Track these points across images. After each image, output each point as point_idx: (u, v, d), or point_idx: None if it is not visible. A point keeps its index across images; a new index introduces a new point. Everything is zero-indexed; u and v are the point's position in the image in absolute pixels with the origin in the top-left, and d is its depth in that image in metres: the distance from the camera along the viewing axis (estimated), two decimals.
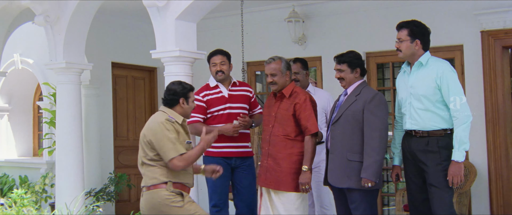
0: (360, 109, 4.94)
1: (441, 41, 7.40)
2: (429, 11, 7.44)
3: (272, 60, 5.37)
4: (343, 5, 8.23)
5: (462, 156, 4.54)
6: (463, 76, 7.30)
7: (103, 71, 9.40)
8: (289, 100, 5.30)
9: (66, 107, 7.02)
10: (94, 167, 9.20)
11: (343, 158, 4.96)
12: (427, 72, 4.72)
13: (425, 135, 4.72)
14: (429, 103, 4.69)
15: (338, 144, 5.01)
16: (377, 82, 8.12)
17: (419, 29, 4.80)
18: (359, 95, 5.03)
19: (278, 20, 8.69)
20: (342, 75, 5.14)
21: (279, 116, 5.32)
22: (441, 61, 4.77)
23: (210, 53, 5.93)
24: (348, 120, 4.98)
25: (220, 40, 9.21)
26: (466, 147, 4.54)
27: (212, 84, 5.90)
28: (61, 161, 6.98)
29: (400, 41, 4.83)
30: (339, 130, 5.02)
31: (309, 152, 5.19)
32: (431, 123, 4.69)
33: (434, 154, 4.67)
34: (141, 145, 4.76)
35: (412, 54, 4.80)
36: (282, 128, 5.29)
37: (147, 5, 5.91)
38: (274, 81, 5.33)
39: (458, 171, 4.55)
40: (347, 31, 8.24)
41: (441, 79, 4.62)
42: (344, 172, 4.95)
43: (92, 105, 9.24)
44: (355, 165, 4.90)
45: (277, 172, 5.27)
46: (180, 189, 4.71)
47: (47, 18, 6.79)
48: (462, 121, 4.54)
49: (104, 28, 9.33)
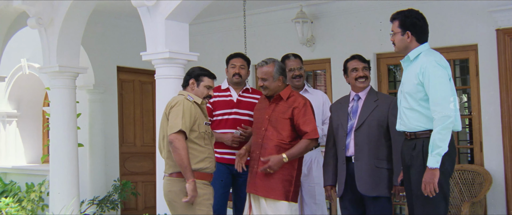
0: (385, 115, 4.90)
1: (454, 41, 7.07)
2: (441, 9, 7.09)
3: (264, 63, 5.12)
4: (353, 4, 7.89)
5: (436, 162, 4.04)
6: (477, 78, 6.91)
7: (108, 75, 9.19)
8: (287, 103, 5.03)
9: (60, 113, 6.79)
10: (98, 174, 8.99)
11: (371, 165, 4.86)
12: (414, 67, 4.31)
13: (413, 137, 4.32)
14: (413, 101, 4.26)
15: (363, 151, 4.90)
16: (388, 84, 7.74)
17: (410, 19, 4.33)
18: (378, 101, 4.98)
19: (285, 21, 8.40)
20: (367, 74, 5.10)
21: (273, 119, 5.03)
22: (429, 54, 4.26)
23: (231, 54, 5.81)
24: (372, 126, 4.91)
25: (227, 42, 8.97)
26: (440, 151, 4.03)
27: (224, 86, 5.77)
28: (55, 168, 6.74)
29: (394, 34, 4.43)
30: (364, 137, 4.91)
31: (298, 149, 4.96)
32: (416, 123, 4.25)
33: (418, 158, 4.25)
34: (162, 127, 4.80)
35: (405, 47, 4.36)
36: (276, 132, 5.00)
37: (136, 5, 5.64)
38: (265, 85, 5.07)
39: (431, 178, 4.05)
40: (358, 31, 7.90)
41: (423, 75, 4.16)
42: (373, 180, 4.85)
43: (97, 111, 9.04)
44: (384, 172, 4.85)
45: (268, 179, 4.96)
46: (199, 178, 4.66)
47: (40, 20, 6.58)
48: (439, 122, 4.04)
49: (108, 31, 9.11)
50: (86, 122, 9.02)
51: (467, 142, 7.65)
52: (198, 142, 4.71)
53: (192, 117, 4.66)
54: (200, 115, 4.76)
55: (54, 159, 6.75)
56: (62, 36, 6.66)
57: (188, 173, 4.58)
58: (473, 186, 6.81)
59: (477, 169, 6.84)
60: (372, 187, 4.82)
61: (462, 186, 6.89)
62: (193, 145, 4.69)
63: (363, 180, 4.83)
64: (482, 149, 6.93)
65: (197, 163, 4.68)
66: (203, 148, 4.74)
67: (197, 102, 4.80)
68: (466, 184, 6.89)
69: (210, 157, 4.81)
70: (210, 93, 4.91)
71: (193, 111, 4.68)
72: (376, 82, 7.73)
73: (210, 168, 4.79)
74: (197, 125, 4.70)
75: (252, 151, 5.15)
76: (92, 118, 9.04)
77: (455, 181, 6.92)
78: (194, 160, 4.66)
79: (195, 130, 4.69)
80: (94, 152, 9.01)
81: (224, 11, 8.85)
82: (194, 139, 4.69)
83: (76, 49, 6.84)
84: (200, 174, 4.69)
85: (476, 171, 6.84)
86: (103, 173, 9.00)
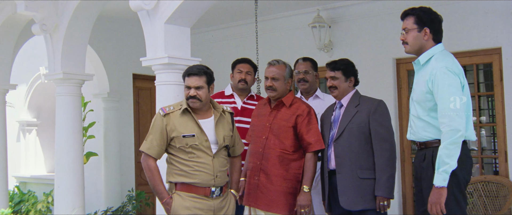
0: (365, 121, 4.48)
1: (476, 45, 6.70)
2: (462, 11, 6.74)
3: (276, 62, 4.80)
4: (371, 8, 7.58)
5: (443, 180, 3.66)
6: (501, 83, 6.53)
7: (123, 83, 9.04)
8: (290, 110, 4.72)
9: (65, 121, 6.62)
10: (113, 185, 8.84)
11: (353, 177, 4.46)
12: (424, 72, 3.93)
13: (423, 147, 3.96)
14: (422, 111, 3.90)
15: (345, 162, 4.50)
16: (408, 90, 7.36)
17: (428, 15, 3.95)
18: (359, 106, 4.57)
19: (301, 26, 8.12)
20: (336, 84, 4.65)
21: (275, 127, 4.71)
22: (441, 59, 3.86)
23: (238, 59, 5.56)
24: (353, 134, 4.49)
25: (242, 48, 8.70)
26: (447, 169, 3.64)
27: (227, 92, 5.52)
28: (59, 179, 6.55)
29: (406, 31, 4.01)
30: (344, 147, 4.51)
31: (310, 170, 4.62)
32: (424, 133, 3.91)
33: (428, 171, 3.87)
34: None
35: (420, 46, 3.95)
36: (278, 141, 4.68)
37: (134, 9, 5.41)
38: (274, 86, 4.73)
39: (437, 198, 3.68)
40: (376, 36, 7.58)
41: (432, 82, 3.79)
42: (357, 193, 4.43)
43: (112, 119, 8.90)
44: (368, 183, 4.42)
45: (270, 191, 4.65)
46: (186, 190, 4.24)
47: (44, 26, 6.42)
48: (447, 136, 3.66)
49: (123, 38, 8.96)
50: (101, 130, 8.88)
51: (491, 151, 7.20)
52: (179, 155, 4.29)
53: (163, 135, 4.28)
54: (180, 127, 4.28)
55: (59, 168, 6.57)
56: (67, 42, 6.48)
57: (158, 194, 4.27)
58: (497, 199, 6.39)
59: (502, 180, 6.41)
60: (356, 201, 4.42)
61: (485, 199, 6.47)
62: (174, 157, 4.31)
63: (346, 194, 4.45)
64: (507, 159, 6.50)
65: (181, 176, 4.26)
66: (187, 161, 4.26)
67: (176, 109, 4.36)
68: (489, 196, 6.47)
69: (200, 171, 4.26)
70: (190, 93, 4.32)
71: (163, 127, 4.28)
72: (396, 88, 7.39)
73: (200, 183, 4.25)
74: (174, 140, 4.27)
75: (250, 161, 4.83)
76: (107, 127, 8.89)
77: (478, 193, 6.51)
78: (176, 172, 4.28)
79: (172, 145, 4.30)
80: (109, 161, 8.85)
81: (240, 17, 8.65)
82: (175, 153, 4.31)
83: (81, 55, 6.65)
84: (188, 187, 4.26)
85: (500, 182, 6.42)
86: (118, 183, 8.83)
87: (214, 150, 4.34)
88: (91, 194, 8.93)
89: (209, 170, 4.28)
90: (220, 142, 4.37)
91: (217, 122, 4.42)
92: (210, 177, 4.28)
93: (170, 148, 4.34)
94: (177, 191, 4.28)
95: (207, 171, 4.27)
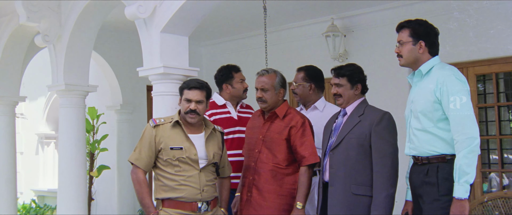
0: (366, 133, 4.09)
1: (496, 52, 6.33)
2: (481, 16, 6.44)
3: (265, 72, 4.54)
4: (386, 16, 7.30)
5: (465, 192, 3.45)
6: None
7: (137, 94, 8.92)
8: (283, 122, 4.45)
9: (68, 133, 6.45)
10: (126, 198, 8.70)
11: (346, 192, 4.07)
12: (426, 82, 3.73)
13: (425, 162, 3.71)
14: (428, 122, 3.67)
15: (339, 174, 4.12)
16: None
17: (423, 28, 3.82)
18: (363, 116, 4.18)
19: (315, 35, 7.88)
20: (340, 91, 4.29)
21: (268, 140, 4.46)
22: (446, 68, 3.71)
23: (237, 67, 5.27)
24: (351, 145, 4.11)
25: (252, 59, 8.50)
26: (468, 179, 3.44)
27: (220, 102, 5.18)
28: (62, 192, 6.39)
29: (401, 44, 3.88)
30: (340, 158, 4.13)
31: (304, 185, 4.34)
32: (429, 147, 3.66)
33: (432, 186, 3.63)
34: None
35: (415, 59, 3.82)
36: (271, 155, 4.43)
37: (129, 17, 5.26)
38: (264, 98, 4.48)
39: (460, 211, 3.45)
40: (392, 45, 7.11)
41: (441, 91, 3.60)
42: (348, 209, 4.05)
43: (125, 131, 8.77)
44: (362, 200, 4.04)
45: (263, 208, 4.41)
46: (173, 207, 4.05)
47: (46, 38, 6.30)
48: (464, 145, 3.46)
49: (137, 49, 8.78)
50: (113, 143, 8.75)
51: None
52: (166, 170, 4.11)
53: (152, 146, 4.13)
54: (168, 139, 4.14)
55: (62, 183, 6.41)
56: (69, 53, 6.36)
57: (144, 208, 4.10)
58: None
59: None
60: None
61: None
62: (161, 172, 4.14)
63: (335, 209, 4.09)
64: None
65: (167, 192, 4.09)
66: (173, 176, 4.09)
67: (167, 121, 4.20)
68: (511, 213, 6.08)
69: (186, 184, 4.08)
70: (191, 106, 4.16)
71: (152, 138, 4.14)
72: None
73: (187, 197, 4.07)
74: (162, 152, 4.12)
75: (243, 175, 4.60)
76: (120, 139, 8.77)
77: (499, 211, 6.13)
78: (162, 188, 4.11)
79: (160, 157, 4.14)
80: (122, 174, 8.72)
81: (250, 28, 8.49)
82: (162, 167, 4.14)
83: (84, 66, 6.51)
84: (175, 203, 4.07)
85: None
86: (131, 196, 8.66)
87: (202, 165, 4.15)
88: (104, 207, 8.79)
89: (196, 184, 4.10)
90: (209, 157, 4.19)
91: (208, 138, 4.25)
92: (196, 191, 4.09)
93: (157, 161, 4.17)
94: (164, 208, 4.09)
95: (193, 184, 4.09)
